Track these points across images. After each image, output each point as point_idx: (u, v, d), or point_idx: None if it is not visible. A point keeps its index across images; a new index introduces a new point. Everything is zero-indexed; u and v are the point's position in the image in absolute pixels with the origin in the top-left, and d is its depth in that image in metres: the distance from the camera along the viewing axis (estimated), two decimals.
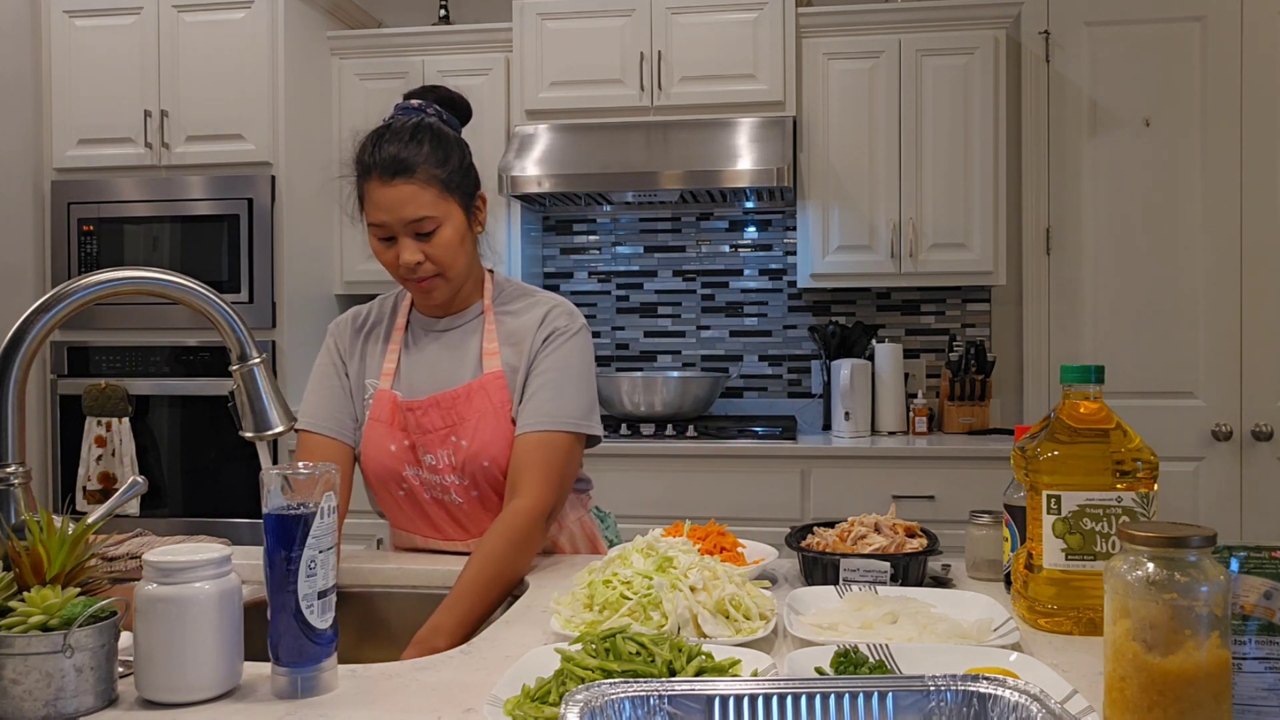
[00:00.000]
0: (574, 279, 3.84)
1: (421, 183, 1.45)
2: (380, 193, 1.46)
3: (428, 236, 1.47)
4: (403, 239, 1.47)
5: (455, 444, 1.51)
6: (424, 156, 1.46)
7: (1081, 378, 1.19)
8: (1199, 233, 3.40)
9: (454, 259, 1.50)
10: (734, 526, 1.57)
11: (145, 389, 3.31)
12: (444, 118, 1.56)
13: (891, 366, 3.39)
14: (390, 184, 1.45)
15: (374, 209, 1.47)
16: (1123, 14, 3.43)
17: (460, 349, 1.57)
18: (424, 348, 1.59)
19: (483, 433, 1.50)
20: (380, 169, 1.46)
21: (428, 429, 1.52)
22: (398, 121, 1.51)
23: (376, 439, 1.55)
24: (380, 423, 1.55)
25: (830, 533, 1.44)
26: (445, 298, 1.55)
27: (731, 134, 3.24)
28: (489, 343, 1.55)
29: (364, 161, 1.49)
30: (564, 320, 1.56)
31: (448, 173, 1.49)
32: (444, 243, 1.48)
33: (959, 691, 0.76)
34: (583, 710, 0.72)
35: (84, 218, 3.34)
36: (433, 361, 1.57)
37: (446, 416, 1.52)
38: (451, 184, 1.49)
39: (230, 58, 3.29)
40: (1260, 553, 0.85)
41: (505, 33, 3.45)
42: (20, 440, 1.06)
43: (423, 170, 1.46)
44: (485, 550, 1.37)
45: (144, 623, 0.92)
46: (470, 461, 1.50)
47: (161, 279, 1.12)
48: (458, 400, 1.52)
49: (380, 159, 1.46)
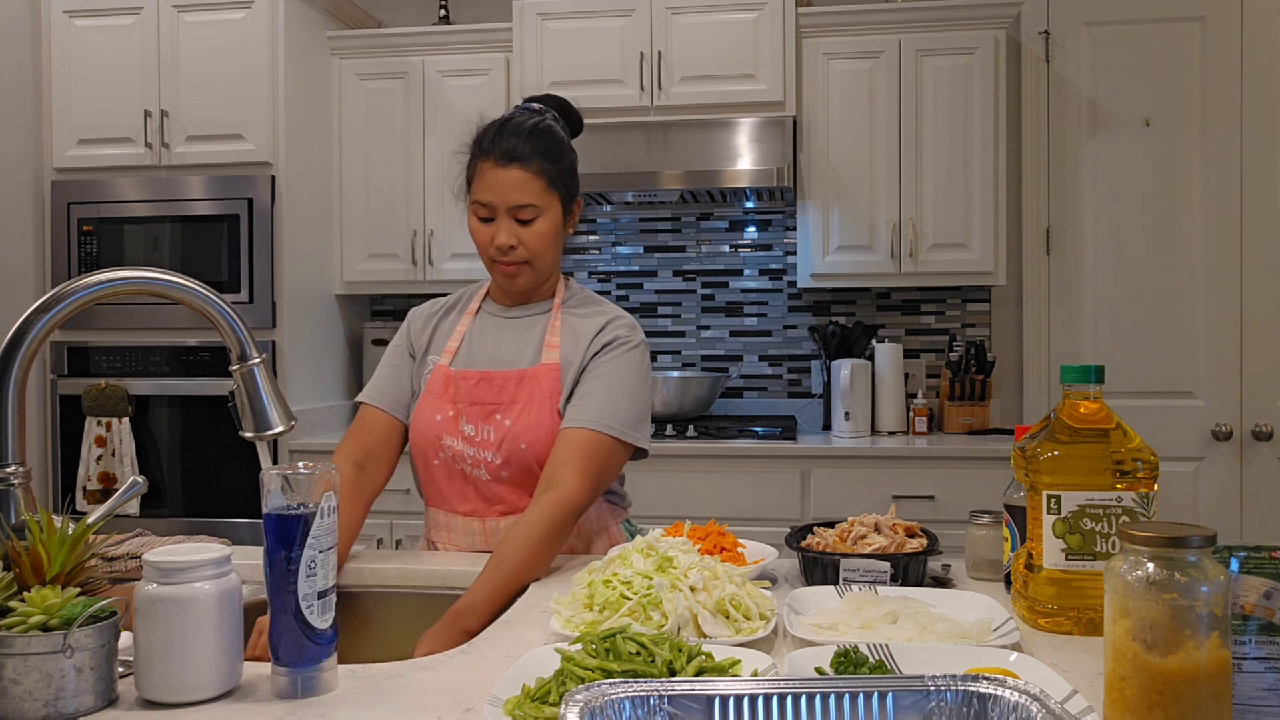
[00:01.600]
0: (574, 279, 3.83)
1: (533, 172, 1.55)
2: (492, 174, 1.55)
3: (526, 224, 1.56)
4: (502, 220, 1.56)
5: (499, 422, 1.56)
6: (539, 150, 1.56)
7: (1081, 378, 1.19)
8: (1199, 233, 3.40)
9: (545, 249, 1.58)
10: (734, 526, 1.56)
11: (145, 389, 3.31)
12: (560, 123, 1.67)
13: (891, 366, 3.39)
14: (505, 168, 1.54)
15: (483, 188, 1.56)
16: (1123, 14, 3.43)
17: (523, 336, 1.63)
18: (490, 329, 1.66)
19: (527, 416, 1.55)
20: (498, 154, 1.55)
21: (475, 400, 1.58)
22: (519, 116, 1.60)
23: (425, 409, 1.61)
24: (432, 394, 1.61)
25: (830, 533, 1.44)
26: (528, 286, 1.62)
27: (731, 134, 3.24)
28: (551, 336, 1.61)
29: (482, 144, 1.58)
30: (626, 331, 1.62)
31: (557, 170, 1.58)
32: (539, 232, 1.57)
33: (959, 691, 0.76)
34: (583, 710, 0.72)
35: (84, 218, 3.34)
36: (494, 343, 1.64)
37: (496, 394, 1.57)
38: (558, 180, 1.58)
39: (230, 58, 3.29)
40: (1260, 553, 0.85)
41: (505, 33, 3.45)
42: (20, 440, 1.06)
43: (535, 161, 1.55)
44: (519, 534, 1.40)
45: (144, 623, 0.92)
46: (509, 441, 1.55)
47: (161, 279, 1.12)
48: (509, 382, 1.58)
49: (499, 145, 1.55)
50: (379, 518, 3.25)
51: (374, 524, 3.28)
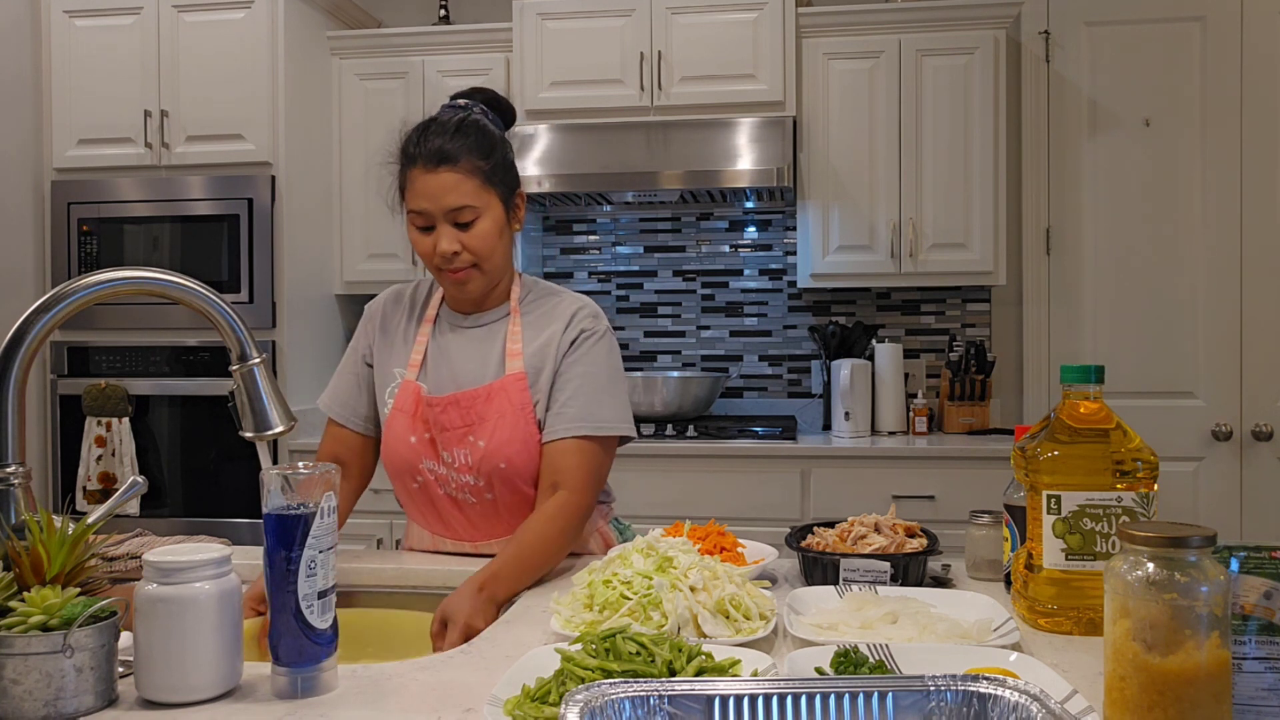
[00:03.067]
0: (574, 279, 3.84)
1: (464, 172, 1.48)
2: (423, 180, 1.49)
3: (467, 227, 1.50)
4: (442, 227, 1.49)
5: (473, 444, 1.52)
6: (468, 148, 1.49)
7: (1081, 378, 1.19)
8: (1199, 233, 3.40)
9: (491, 250, 1.52)
10: (734, 526, 1.57)
11: (145, 389, 3.31)
12: (489, 116, 1.59)
13: (891, 366, 3.39)
14: (434, 172, 1.48)
15: (415, 196, 1.50)
16: (1123, 14, 3.43)
17: (484, 347, 1.58)
18: (450, 343, 1.60)
19: (500, 433, 1.51)
20: (424, 158, 1.49)
21: (446, 426, 1.53)
22: (444, 115, 1.54)
23: (398, 429, 1.57)
24: (403, 413, 1.57)
25: (830, 533, 1.44)
26: (479, 291, 1.56)
27: (731, 134, 3.24)
28: (513, 343, 1.56)
29: (408, 151, 1.52)
30: (590, 322, 1.57)
31: (490, 165, 1.51)
32: (482, 234, 1.50)
33: (959, 691, 0.76)
34: (583, 710, 0.72)
35: (84, 218, 3.34)
36: (457, 358, 1.58)
37: (465, 415, 1.53)
38: (494, 177, 1.52)
39: (230, 58, 3.29)
40: (1260, 553, 0.85)
41: (505, 33, 3.45)
42: (20, 440, 1.06)
43: (466, 160, 1.48)
44: (534, 524, 1.43)
45: (144, 623, 0.92)
46: (486, 461, 1.51)
47: (161, 279, 1.12)
48: (477, 400, 1.53)
49: (425, 148, 1.49)
50: (379, 518, 3.25)
51: (374, 524, 3.28)
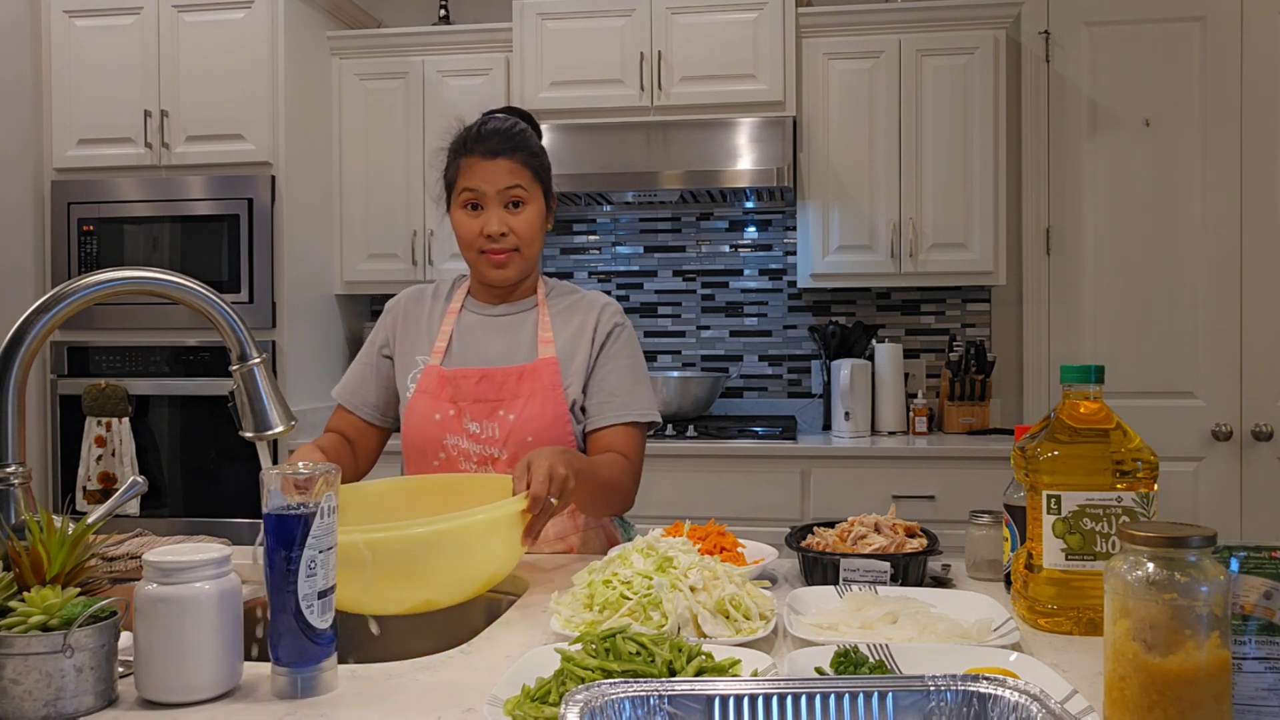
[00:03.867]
0: (574, 279, 3.83)
1: (520, 162, 1.60)
2: (480, 166, 1.58)
3: (516, 209, 1.60)
4: (492, 208, 1.59)
5: (502, 418, 1.57)
6: (521, 145, 1.61)
7: (1081, 378, 1.19)
8: (1199, 233, 3.40)
9: (534, 237, 1.62)
10: (734, 526, 1.56)
11: (145, 389, 3.31)
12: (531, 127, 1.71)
13: (891, 366, 3.39)
14: (492, 159, 1.58)
15: (470, 177, 1.59)
16: (1123, 14, 3.43)
17: (514, 334, 1.65)
18: (477, 330, 1.66)
19: (530, 408, 1.57)
20: (483, 148, 1.59)
21: (477, 398, 1.58)
22: (494, 121, 1.64)
23: (421, 408, 1.61)
24: (426, 394, 1.61)
25: (830, 533, 1.44)
26: (516, 276, 1.63)
27: (731, 134, 3.24)
28: (544, 332, 1.64)
29: (467, 141, 1.62)
30: (619, 317, 1.69)
31: (539, 164, 1.64)
32: (529, 219, 1.61)
33: (959, 691, 0.76)
34: (583, 710, 0.72)
35: (84, 218, 3.34)
36: (485, 343, 1.65)
37: (497, 390, 1.58)
38: (542, 173, 1.64)
39: (230, 58, 3.29)
40: (1260, 553, 0.85)
41: (505, 33, 3.45)
42: (20, 440, 1.06)
43: (520, 153, 1.60)
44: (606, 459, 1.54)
45: (144, 623, 0.92)
46: (515, 434, 1.56)
47: (161, 279, 1.12)
48: (509, 377, 1.59)
49: (483, 140, 1.59)
50: None
51: None
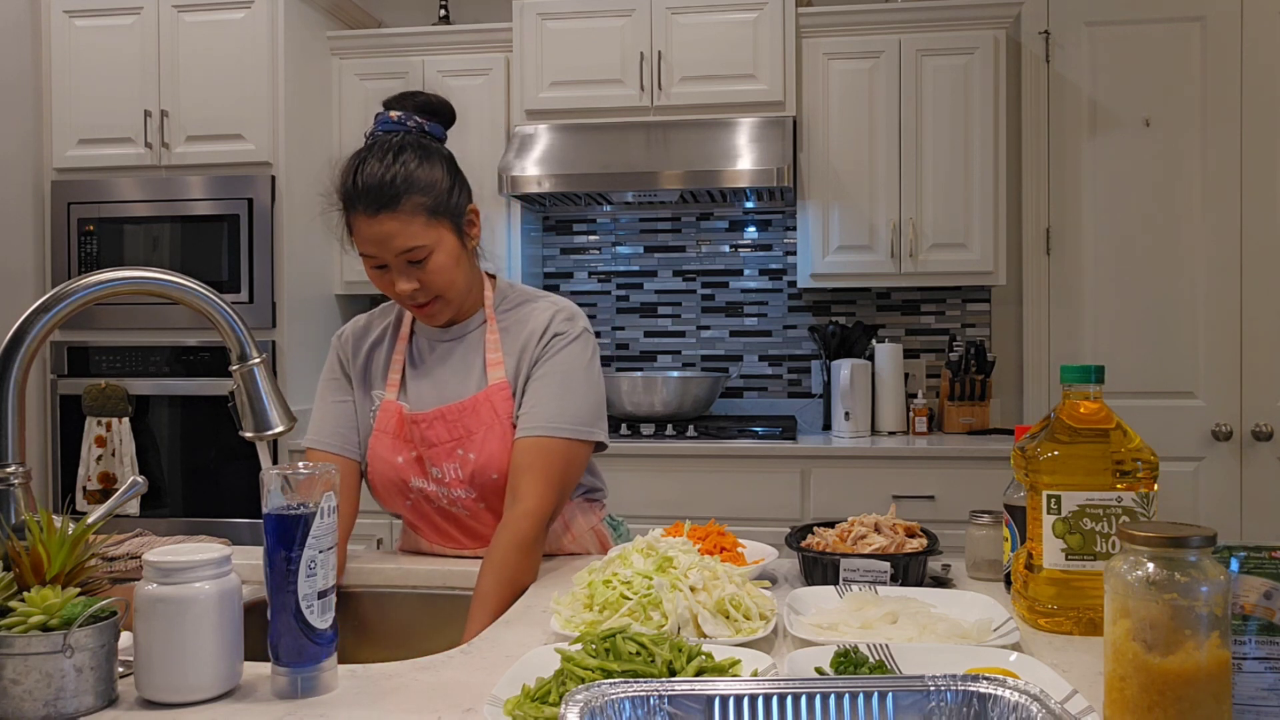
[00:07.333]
0: (574, 279, 3.84)
1: (407, 214, 1.41)
2: (366, 227, 1.42)
3: (420, 264, 1.44)
4: (396, 268, 1.45)
5: (462, 457, 1.50)
6: (407, 186, 1.42)
7: (1081, 378, 1.19)
8: (1199, 233, 3.40)
9: (450, 281, 1.47)
10: (734, 526, 1.56)
11: (145, 389, 3.31)
12: (426, 129, 1.51)
13: (891, 366, 3.39)
14: (375, 218, 1.41)
15: (362, 241, 1.44)
16: (1123, 14, 3.43)
17: (464, 360, 1.55)
18: (428, 359, 1.57)
19: (490, 444, 1.48)
20: (364, 203, 1.41)
21: (434, 442, 1.51)
22: (378, 145, 1.46)
23: (383, 451, 1.54)
24: (386, 434, 1.54)
25: (830, 533, 1.44)
26: (450, 315, 1.53)
27: (731, 134, 3.24)
28: (492, 353, 1.53)
29: (347, 193, 1.44)
30: (565, 325, 1.53)
31: (433, 198, 1.44)
32: (437, 268, 1.45)
33: (959, 691, 0.76)
34: (583, 710, 0.72)
35: (84, 218, 3.34)
36: (438, 374, 1.55)
37: (453, 429, 1.50)
38: (439, 209, 1.45)
39: (230, 58, 3.29)
40: (1260, 553, 0.85)
41: (505, 33, 3.45)
42: (20, 440, 1.06)
43: (407, 202, 1.41)
44: (495, 560, 1.37)
45: (144, 623, 0.92)
46: (479, 474, 1.49)
47: (161, 279, 1.12)
48: (464, 413, 1.50)
49: (363, 191, 1.41)
50: (379, 517, 3.25)
51: (374, 524, 3.28)
